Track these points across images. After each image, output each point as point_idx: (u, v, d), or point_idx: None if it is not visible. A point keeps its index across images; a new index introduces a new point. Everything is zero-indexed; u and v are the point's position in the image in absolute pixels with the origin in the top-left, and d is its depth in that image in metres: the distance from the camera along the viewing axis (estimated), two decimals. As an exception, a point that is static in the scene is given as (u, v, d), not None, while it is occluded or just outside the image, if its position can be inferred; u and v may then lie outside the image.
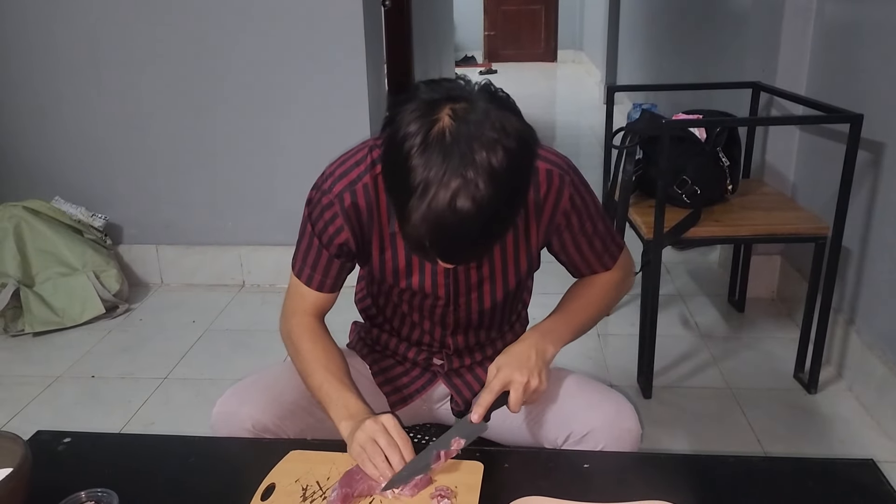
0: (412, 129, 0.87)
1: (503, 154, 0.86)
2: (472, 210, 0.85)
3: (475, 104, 0.88)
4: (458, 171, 0.84)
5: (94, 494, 0.94)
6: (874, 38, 2.12)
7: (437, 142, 0.85)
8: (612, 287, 1.25)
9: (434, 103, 0.88)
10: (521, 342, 1.12)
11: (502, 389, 1.07)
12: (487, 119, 0.87)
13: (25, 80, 2.88)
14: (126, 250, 3.07)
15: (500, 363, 1.09)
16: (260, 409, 1.14)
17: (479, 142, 0.85)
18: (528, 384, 1.06)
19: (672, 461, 1.14)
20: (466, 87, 0.92)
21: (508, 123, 0.88)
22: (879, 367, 2.06)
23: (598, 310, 1.24)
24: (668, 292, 2.90)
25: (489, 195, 0.85)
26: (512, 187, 0.89)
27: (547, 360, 1.12)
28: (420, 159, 0.85)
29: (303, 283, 1.19)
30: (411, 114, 0.88)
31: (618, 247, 1.24)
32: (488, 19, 10.33)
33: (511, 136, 0.88)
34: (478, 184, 0.85)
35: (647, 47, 5.45)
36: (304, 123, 2.85)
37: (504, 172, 0.86)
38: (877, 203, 2.11)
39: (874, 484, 0.99)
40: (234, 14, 2.74)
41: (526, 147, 0.90)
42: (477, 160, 0.85)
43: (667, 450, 1.97)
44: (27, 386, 2.35)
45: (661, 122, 2.06)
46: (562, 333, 1.16)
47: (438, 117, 0.87)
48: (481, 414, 1.04)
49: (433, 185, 0.85)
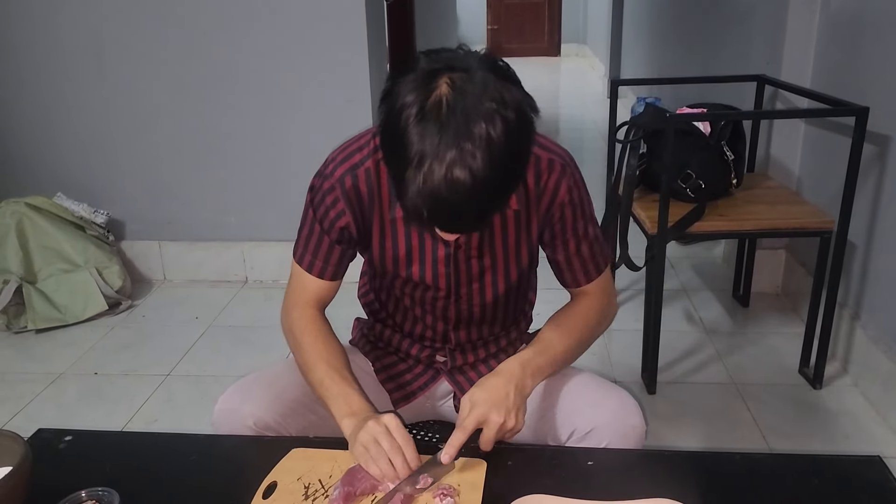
0: (409, 100, 0.85)
1: (501, 125, 0.85)
2: (469, 181, 0.84)
3: (474, 74, 0.87)
4: (454, 143, 0.83)
5: (95, 493, 0.94)
6: (880, 31, 2.10)
7: (434, 112, 0.84)
8: (593, 313, 1.20)
9: (433, 73, 0.87)
10: (499, 374, 1.06)
11: (476, 428, 1.01)
12: (486, 89, 0.86)
13: (28, 77, 2.88)
14: (129, 246, 3.07)
15: (475, 398, 1.02)
16: (262, 406, 1.13)
17: (476, 112, 0.84)
18: (504, 424, 1.01)
19: (677, 458, 1.13)
20: (466, 56, 0.90)
21: (508, 94, 0.87)
22: (885, 362, 2.05)
23: (581, 340, 1.18)
24: (673, 287, 2.89)
25: (486, 166, 0.84)
26: (510, 158, 0.87)
27: (525, 395, 1.07)
28: (416, 129, 0.84)
29: (304, 269, 1.18)
30: (409, 84, 0.87)
31: (604, 259, 1.20)
32: (491, 13, 10.30)
33: (510, 106, 0.86)
34: (475, 154, 0.83)
35: (651, 41, 5.42)
36: (306, 119, 2.84)
37: (502, 144, 0.85)
38: (882, 197, 2.10)
39: (881, 480, 0.98)
40: (237, 11, 2.73)
41: (525, 118, 0.89)
42: (474, 132, 0.83)
43: (671, 446, 1.96)
44: (30, 383, 2.36)
45: (666, 116, 2.05)
46: (542, 366, 1.10)
47: (436, 85, 0.85)
48: (452, 455, 0.98)
49: (429, 157, 0.83)
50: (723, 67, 3.32)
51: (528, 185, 1.10)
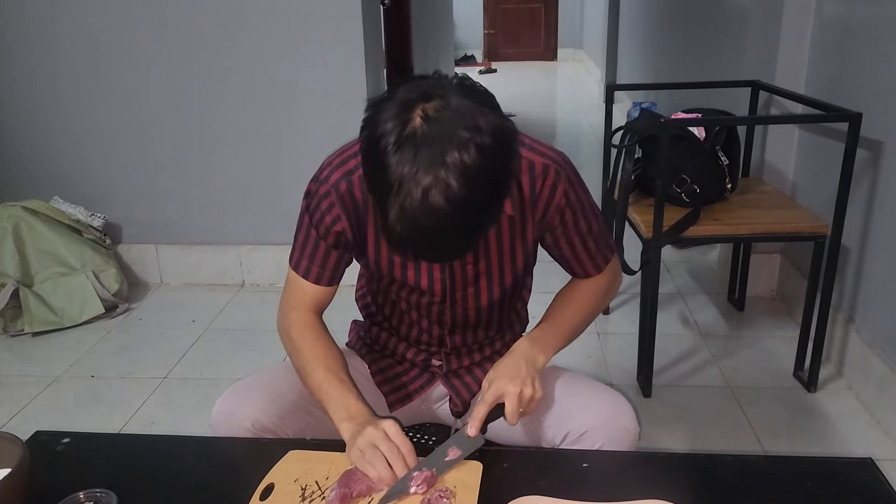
0: (388, 128, 0.87)
1: (476, 151, 0.85)
2: (446, 208, 0.85)
3: (449, 101, 0.88)
4: (430, 170, 0.84)
5: (93, 495, 0.94)
6: (873, 37, 2.12)
7: (409, 141, 0.85)
8: (600, 292, 1.25)
9: (409, 103, 0.88)
10: (510, 354, 1.13)
11: (496, 401, 1.07)
12: (461, 116, 0.87)
13: (25, 80, 2.88)
14: (125, 250, 3.07)
15: (491, 377, 1.10)
16: (259, 408, 1.14)
17: (450, 140, 0.85)
18: (521, 394, 1.06)
19: (671, 460, 1.13)
20: (442, 82, 0.91)
21: (484, 120, 0.87)
22: (879, 365, 2.06)
23: (587, 316, 1.24)
24: (668, 291, 2.90)
25: (463, 193, 0.85)
26: (487, 185, 0.88)
27: (538, 368, 1.12)
28: (394, 158, 0.85)
29: (300, 276, 1.18)
30: (387, 113, 0.88)
31: (610, 249, 1.23)
32: (488, 18, 10.32)
33: (485, 132, 0.87)
34: (449, 182, 0.84)
35: (647, 46, 5.45)
36: (303, 122, 2.84)
37: (478, 170, 0.85)
38: (876, 201, 2.11)
39: (873, 482, 0.99)
40: (233, 13, 2.74)
41: (502, 142, 0.89)
42: (448, 160, 0.84)
43: (667, 449, 1.97)
44: (27, 386, 2.35)
45: (661, 121, 2.06)
46: (551, 341, 1.16)
47: (413, 116, 0.87)
48: (478, 427, 1.04)
49: (406, 184, 0.85)
50: (717, 73, 3.34)
51: (523, 190, 1.10)
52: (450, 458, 1.00)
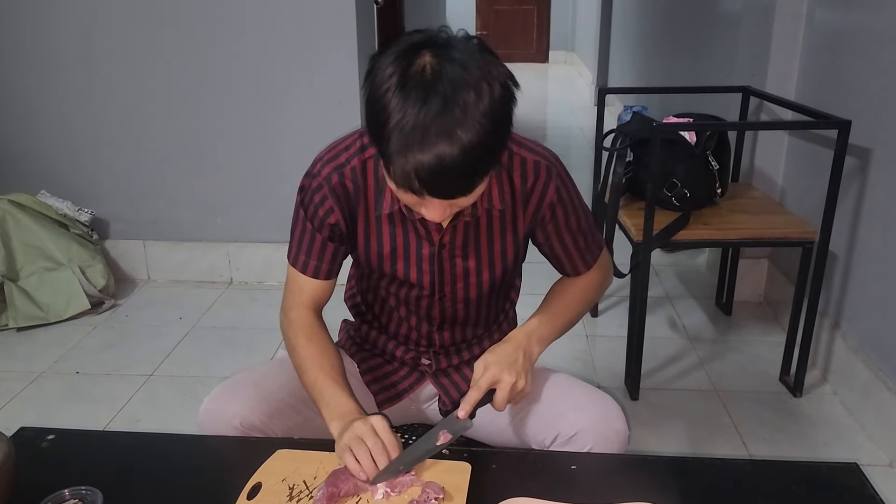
0: (390, 71, 0.87)
1: (488, 93, 0.87)
2: (457, 146, 0.86)
3: (456, 46, 0.90)
4: (442, 109, 0.85)
5: (78, 492, 0.93)
6: (864, 45, 2.14)
7: (417, 79, 0.86)
8: (593, 287, 1.27)
9: (414, 46, 0.89)
10: (507, 342, 1.13)
11: (489, 388, 1.07)
12: (472, 60, 0.88)
13: (14, 73, 2.85)
14: (112, 245, 3.04)
15: (487, 361, 1.09)
16: (248, 406, 1.13)
17: (463, 81, 0.86)
18: (514, 385, 1.07)
19: (659, 463, 1.14)
20: (447, 32, 0.93)
21: (493, 67, 0.90)
22: (864, 371, 2.08)
23: (580, 310, 1.26)
24: (657, 294, 2.91)
25: (474, 135, 0.86)
26: (496, 127, 0.89)
27: (532, 361, 1.13)
28: (398, 97, 0.86)
29: (298, 270, 1.18)
30: (390, 57, 0.89)
31: (598, 246, 1.25)
32: (480, 19, 10.33)
33: (495, 77, 0.89)
34: (462, 121, 0.85)
35: (639, 50, 5.47)
36: (295, 121, 2.83)
37: (488, 111, 0.87)
38: (863, 209, 2.13)
39: (857, 487, 1.00)
40: (225, 11, 2.72)
41: (509, 90, 0.91)
42: (460, 99, 0.85)
43: (653, 451, 1.98)
44: (10, 382, 2.33)
45: (652, 125, 2.07)
46: (546, 334, 1.18)
47: (419, 56, 0.88)
48: (468, 411, 1.05)
49: (418, 126, 0.85)
50: (708, 78, 3.35)
51: (515, 186, 1.11)
52: (441, 441, 1.02)
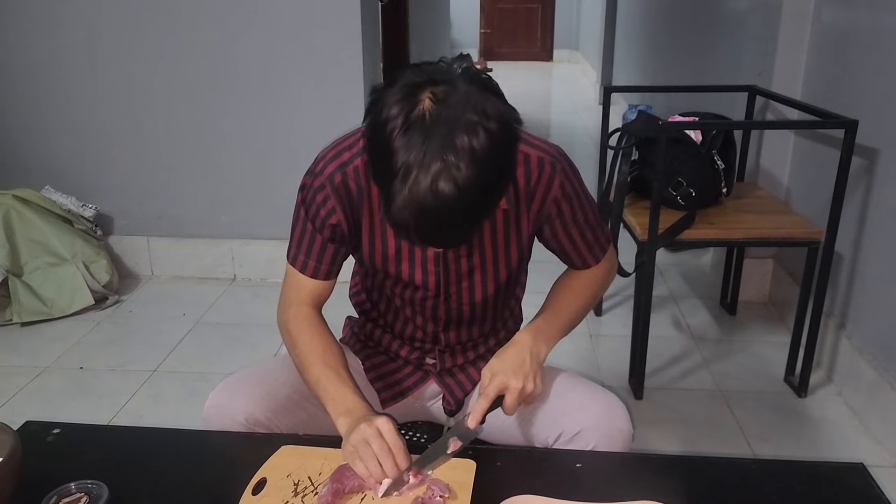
0: (394, 112, 0.87)
1: (485, 136, 0.86)
2: (454, 193, 0.85)
3: (456, 86, 0.89)
4: (438, 154, 0.84)
5: (84, 486, 0.93)
6: (870, 45, 2.13)
7: (418, 124, 0.86)
8: (598, 281, 1.26)
9: (416, 86, 0.88)
10: (513, 345, 1.12)
11: (498, 395, 1.07)
12: (469, 101, 0.87)
13: (19, 68, 2.85)
14: (116, 241, 3.05)
15: (494, 368, 1.08)
16: (253, 402, 1.13)
17: (459, 124, 0.86)
18: (523, 389, 1.07)
19: (663, 462, 1.14)
20: (448, 69, 0.92)
21: (490, 106, 0.89)
22: (869, 371, 2.07)
23: (586, 305, 1.25)
24: (661, 294, 2.90)
25: (471, 178, 0.85)
26: (495, 170, 0.89)
27: (540, 361, 1.12)
28: (401, 142, 0.85)
29: (297, 270, 1.18)
30: (393, 96, 0.88)
31: (606, 239, 1.24)
32: (484, 17, 10.32)
33: (493, 118, 0.88)
34: (459, 166, 0.85)
35: (644, 48, 5.46)
36: (299, 118, 2.83)
37: (486, 155, 0.86)
38: (870, 209, 2.12)
39: (864, 488, 0.99)
40: (230, 8, 2.72)
41: (508, 129, 0.90)
42: (457, 143, 0.85)
43: (657, 451, 1.97)
44: (14, 377, 2.33)
45: (658, 124, 2.06)
46: (553, 332, 1.17)
47: (420, 100, 0.87)
48: (478, 420, 1.05)
49: (414, 169, 0.85)
50: (714, 77, 3.35)
51: (519, 184, 1.10)
52: (451, 449, 1.01)
